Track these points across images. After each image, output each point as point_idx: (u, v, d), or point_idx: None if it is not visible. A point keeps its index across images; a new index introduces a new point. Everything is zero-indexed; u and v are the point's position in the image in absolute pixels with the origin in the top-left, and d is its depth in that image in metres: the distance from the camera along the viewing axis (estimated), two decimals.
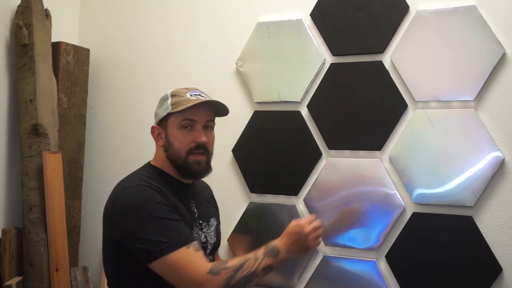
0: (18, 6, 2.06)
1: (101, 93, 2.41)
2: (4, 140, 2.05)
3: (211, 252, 1.59)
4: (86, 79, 2.33)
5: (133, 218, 1.40)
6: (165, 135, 1.53)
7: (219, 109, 1.58)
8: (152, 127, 1.57)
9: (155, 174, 1.53)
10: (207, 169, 1.56)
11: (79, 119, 2.30)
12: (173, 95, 1.54)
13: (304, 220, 1.47)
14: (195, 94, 1.53)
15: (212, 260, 1.60)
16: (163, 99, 1.56)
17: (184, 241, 1.37)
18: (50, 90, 2.09)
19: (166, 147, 1.53)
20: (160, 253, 1.36)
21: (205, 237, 1.56)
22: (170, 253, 1.36)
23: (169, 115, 1.51)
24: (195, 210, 1.56)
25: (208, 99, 1.52)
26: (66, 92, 2.22)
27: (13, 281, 1.93)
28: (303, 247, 1.46)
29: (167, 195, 1.45)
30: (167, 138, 1.53)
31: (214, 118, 1.59)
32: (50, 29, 2.14)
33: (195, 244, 1.39)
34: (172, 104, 1.51)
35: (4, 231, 1.98)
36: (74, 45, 2.27)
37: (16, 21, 2.04)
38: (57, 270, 1.97)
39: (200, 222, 1.56)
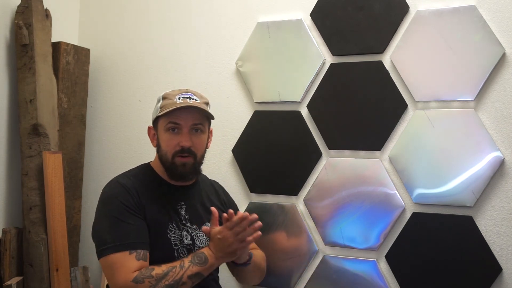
0: (18, 6, 2.06)
1: (101, 93, 2.41)
2: (4, 140, 2.06)
3: None
4: (86, 79, 2.33)
5: (97, 212, 1.53)
6: (157, 137, 1.61)
7: (208, 112, 1.61)
8: (148, 128, 1.66)
9: (143, 173, 1.62)
10: (193, 171, 1.60)
11: (79, 119, 2.30)
12: (164, 98, 1.59)
13: (226, 226, 1.47)
14: (184, 97, 1.56)
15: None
16: (157, 101, 1.62)
17: (128, 246, 1.43)
18: (50, 90, 2.09)
19: (157, 148, 1.62)
20: (103, 252, 1.44)
21: (192, 239, 1.58)
22: (110, 254, 1.43)
23: (157, 117, 1.58)
24: (183, 212, 1.60)
25: (191, 103, 1.54)
26: (66, 92, 2.22)
27: (13, 281, 1.93)
28: (228, 252, 1.49)
29: (141, 196, 1.52)
30: (157, 139, 1.61)
31: (205, 121, 1.62)
32: (50, 29, 2.14)
33: (139, 252, 1.43)
34: (161, 107, 1.57)
35: (4, 231, 1.98)
36: (74, 45, 2.27)
37: (16, 21, 2.04)
38: (57, 270, 1.97)
39: (187, 224, 1.59)
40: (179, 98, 1.56)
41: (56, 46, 2.19)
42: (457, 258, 1.75)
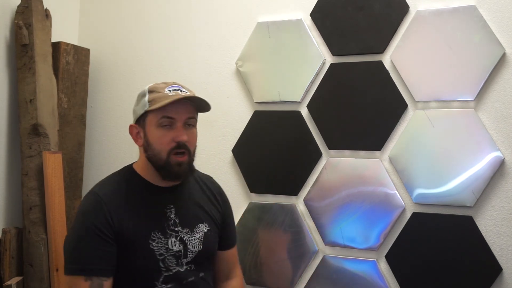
0: (18, 6, 2.06)
1: (101, 93, 2.41)
2: (4, 140, 2.05)
3: (193, 260, 1.48)
4: (86, 79, 2.33)
5: (73, 222, 1.43)
6: (144, 135, 1.45)
7: (201, 105, 1.47)
8: (130, 126, 1.49)
9: (126, 179, 1.48)
10: (188, 170, 1.47)
11: (79, 119, 2.30)
12: (150, 91, 1.44)
13: None
14: (174, 89, 1.44)
15: (193, 268, 1.48)
16: (141, 96, 1.47)
17: (84, 271, 1.34)
18: (50, 90, 2.09)
19: (145, 147, 1.46)
20: (65, 270, 1.37)
21: (180, 245, 1.45)
22: (68, 275, 1.36)
23: (146, 113, 1.43)
24: (173, 215, 1.47)
25: (188, 94, 1.42)
26: (66, 92, 2.22)
27: (13, 281, 1.93)
28: None
29: (119, 209, 1.40)
30: (145, 137, 1.45)
31: (196, 115, 1.49)
32: (50, 29, 2.14)
33: (94, 281, 1.34)
34: (149, 101, 1.43)
35: (4, 231, 1.98)
36: (74, 45, 2.27)
37: (16, 21, 2.04)
38: (57, 270, 1.97)
39: (177, 229, 1.46)
40: (170, 90, 1.42)
41: (56, 46, 2.19)
42: (457, 258, 1.75)
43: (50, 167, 2.00)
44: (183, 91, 1.44)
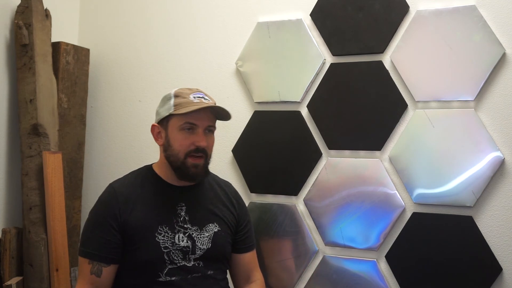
0: (18, 6, 2.06)
1: (101, 93, 2.41)
2: (4, 140, 2.06)
3: (202, 257, 1.55)
4: (86, 79, 2.33)
5: (89, 213, 1.59)
6: (165, 135, 1.55)
7: (221, 114, 1.59)
8: (153, 126, 1.59)
9: (143, 174, 1.61)
10: (203, 172, 1.57)
11: (79, 119, 2.30)
12: (176, 96, 1.54)
13: None
14: (199, 97, 1.54)
15: (201, 265, 1.54)
16: (166, 99, 1.57)
17: (89, 255, 1.50)
18: (50, 90, 2.09)
19: (165, 147, 1.56)
20: (78, 251, 1.55)
21: (188, 241, 1.53)
22: (79, 256, 1.53)
23: (170, 115, 1.53)
24: (183, 213, 1.56)
25: (211, 104, 1.53)
26: (66, 92, 2.22)
27: (13, 281, 1.93)
28: None
29: (129, 201, 1.52)
30: (167, 138, 1.55)
31: (215, 123, 1.61)
32: (50, 29, 2.14)
33: (95, 265, 1.49)
34: (175, 105, 1.52)
35: (4, 231, 1.98)
36: (74, 45, 2.27)
37: (16, 21, 2.04)
38: (57, 270, 1.97)
39: (186, 226, 1.54)
40: (194, 97, 1.52)
41: (56, 46, 2.19)
42: (457, 258, 1.75)
43: (50, 167, 2.00)
44: (206, 99, 1.55)
